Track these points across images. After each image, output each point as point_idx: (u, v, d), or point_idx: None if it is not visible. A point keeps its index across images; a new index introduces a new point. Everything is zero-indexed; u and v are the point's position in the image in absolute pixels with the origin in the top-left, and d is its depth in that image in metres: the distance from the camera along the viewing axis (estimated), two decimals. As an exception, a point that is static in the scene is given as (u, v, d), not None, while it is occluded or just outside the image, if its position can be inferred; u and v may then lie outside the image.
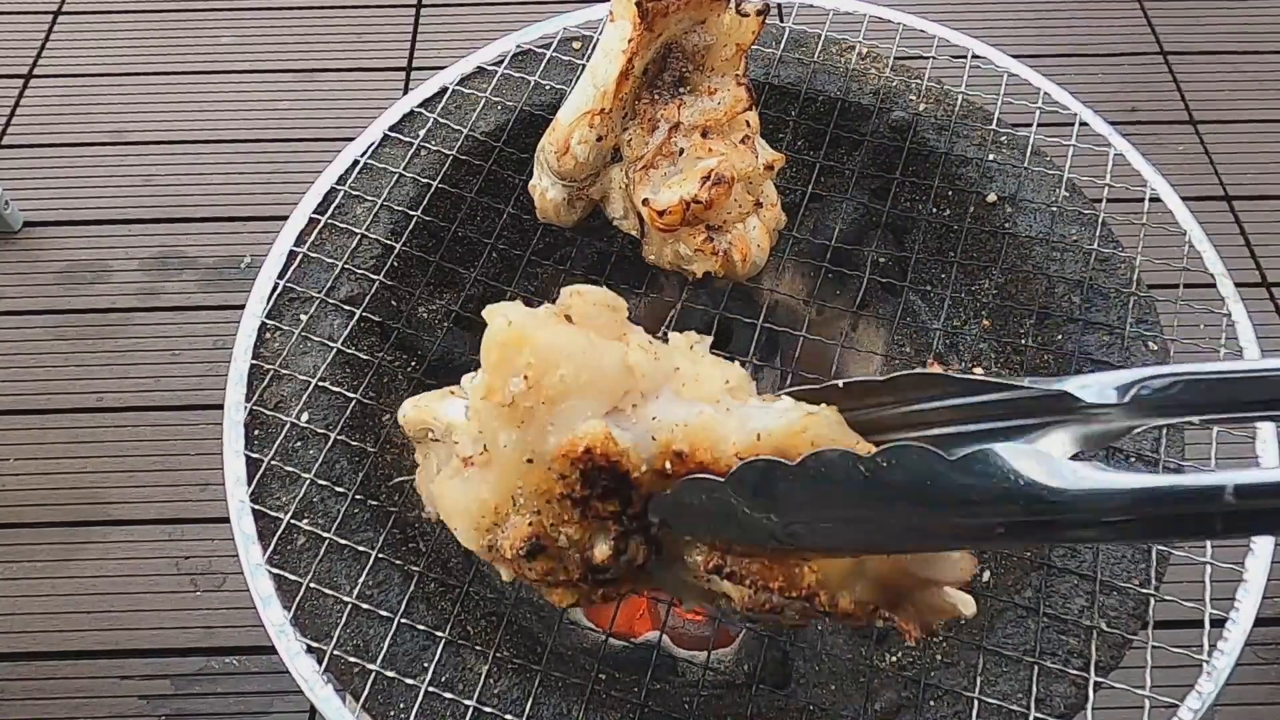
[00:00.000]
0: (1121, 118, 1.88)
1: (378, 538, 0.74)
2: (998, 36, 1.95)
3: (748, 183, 0.79)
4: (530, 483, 0.51)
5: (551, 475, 0.51)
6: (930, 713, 0.69)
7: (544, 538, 0.52)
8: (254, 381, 0.80)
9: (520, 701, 0.68)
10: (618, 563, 0.52)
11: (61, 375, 1.58)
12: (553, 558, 0.53)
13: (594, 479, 0.50)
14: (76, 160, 1.82)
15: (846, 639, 0.76)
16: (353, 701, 0.68)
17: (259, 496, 0.75)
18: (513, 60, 0.99)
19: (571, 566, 0.53)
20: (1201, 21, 2.03)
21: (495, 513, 0.52)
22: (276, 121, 1.88)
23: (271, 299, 0.84)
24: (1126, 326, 0.84)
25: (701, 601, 0.57)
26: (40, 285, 1.68)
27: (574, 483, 0.50)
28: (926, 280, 0.96)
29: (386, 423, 0.82)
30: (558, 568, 0.53)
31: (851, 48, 1.01)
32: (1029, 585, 0.73)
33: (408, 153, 0.93)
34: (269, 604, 0.70)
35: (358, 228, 0.88)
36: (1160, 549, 0.73)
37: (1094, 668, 0.69)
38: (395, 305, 0.87)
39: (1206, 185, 1.79)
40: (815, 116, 0.98)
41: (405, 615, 0.70)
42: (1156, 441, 0.78)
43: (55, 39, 1.99)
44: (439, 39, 2.00)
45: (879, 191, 0.96)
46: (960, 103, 0.97)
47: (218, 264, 1.71)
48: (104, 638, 1.36)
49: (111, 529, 1.44)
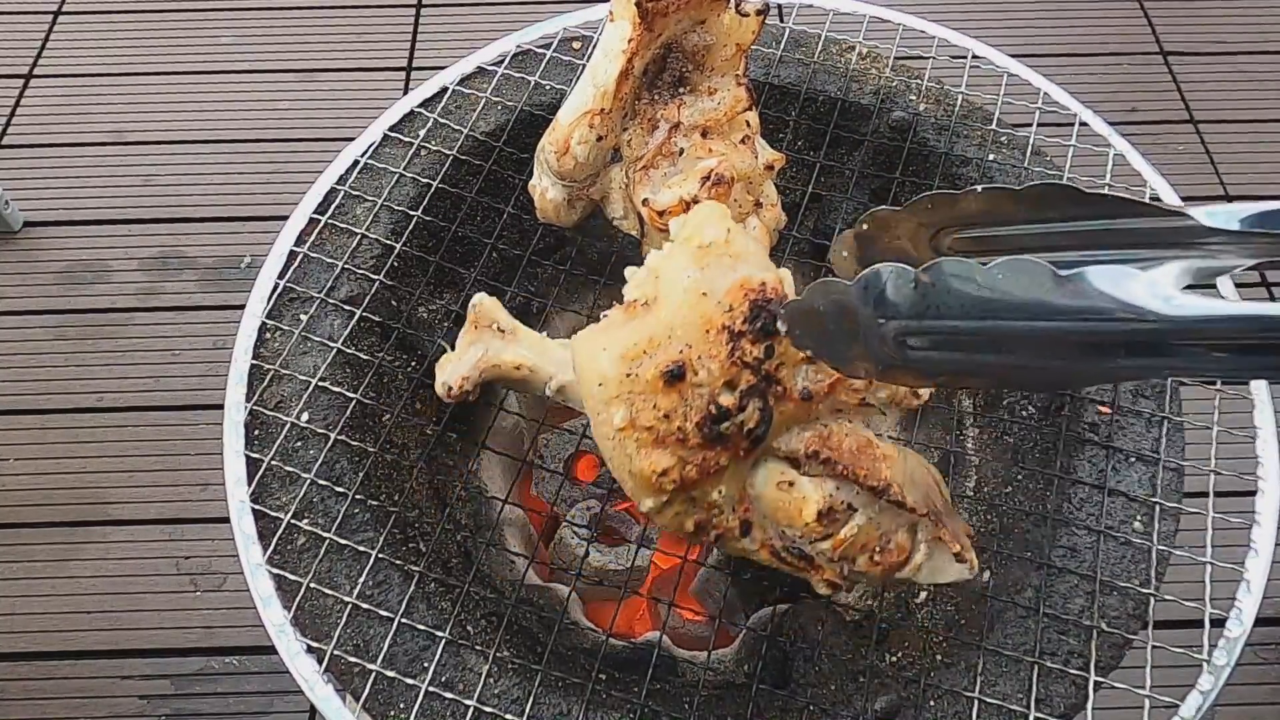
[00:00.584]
0: (1121, 118, 1.88)
1: (378, 538, 0.74)
2: (998, 36, 1.95)
3: (748, 183, 0.79)
4: (698, 313, 0.58)
5: (721, 306, 0.57)
6: (930, 713, 0.69)
7: (688, 367, 0.57)
8: (254, 381, 0.80)
9: (520, 701, 0.68)
10: (737, 415, 0.57)
11: (61, 375, 1.58)
12: (683, 396, 0.57)
13: (756, 315, 0.57)
14: (76, 160, 1.82)
15: (846, 639, 0.76)
16: (353, 701, 0.68)
17: (259, 496, 0.75)
18: (513, 60, 0.99)
19: (694, 410, 0.57)
20: (1201, 21, 2.03)
21: (650, 343, 0.58)
22: (276, 121, 1.88)
23: (272, 299, 0.84)
24: (1126, 326, 0.83)
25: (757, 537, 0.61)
26: (40, 285, 1.68)
27: (739, 315, 0.57)
28: (926, 280, 0.95)
29: (386, 423, 0.82)
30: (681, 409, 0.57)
31: (851, 48, 1.01)
32: (1029, 585, 0.73)
33: (408, 153, 0.93)
34: (269, 604, 0.70)
35: (358, 228, 0.88)
36: (1160, 549, 0.73)
37: (1094, 668, 0.69)
38: (395, 305, 0.87)
39: (1206, 185, 1.79)
40: (815, 116, 0.98)
41: (405, 615, 0.70)
42: (1157, 442, 0.78)
43: (55, 39, 1.99)
44: (439, 39, 2.00)
45: (879, 191, 0.96)
46: (960, 103, 0.97)
47: (218, 264, 1.71)
48: (104, 638, 1.36)
49: (111, 529, 1.44)
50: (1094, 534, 0.74)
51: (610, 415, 0.59)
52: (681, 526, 0.61)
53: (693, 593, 0.91)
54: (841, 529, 0.61)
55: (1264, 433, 0.78)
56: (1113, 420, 0.79)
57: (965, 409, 0.92)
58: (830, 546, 0.62)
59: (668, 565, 0.96)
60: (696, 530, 0.61)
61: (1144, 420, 0.79)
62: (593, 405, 0.60)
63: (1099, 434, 0.79)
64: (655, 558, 0.93)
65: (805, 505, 0.60)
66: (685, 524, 0.61)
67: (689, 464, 0.58)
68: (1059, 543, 0.74)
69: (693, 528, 0.61)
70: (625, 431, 0.58)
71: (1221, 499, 0.75)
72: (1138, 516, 0.75)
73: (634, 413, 0.58)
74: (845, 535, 0.61)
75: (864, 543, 0.62)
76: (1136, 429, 0.79)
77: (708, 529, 0.61)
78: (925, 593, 0.82)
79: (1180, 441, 0.79)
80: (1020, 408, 0.87)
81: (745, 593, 0.90)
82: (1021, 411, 0.86)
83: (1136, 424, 0.79)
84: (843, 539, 0.61)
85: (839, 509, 0.61)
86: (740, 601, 0.90)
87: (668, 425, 0.58)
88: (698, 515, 0.61)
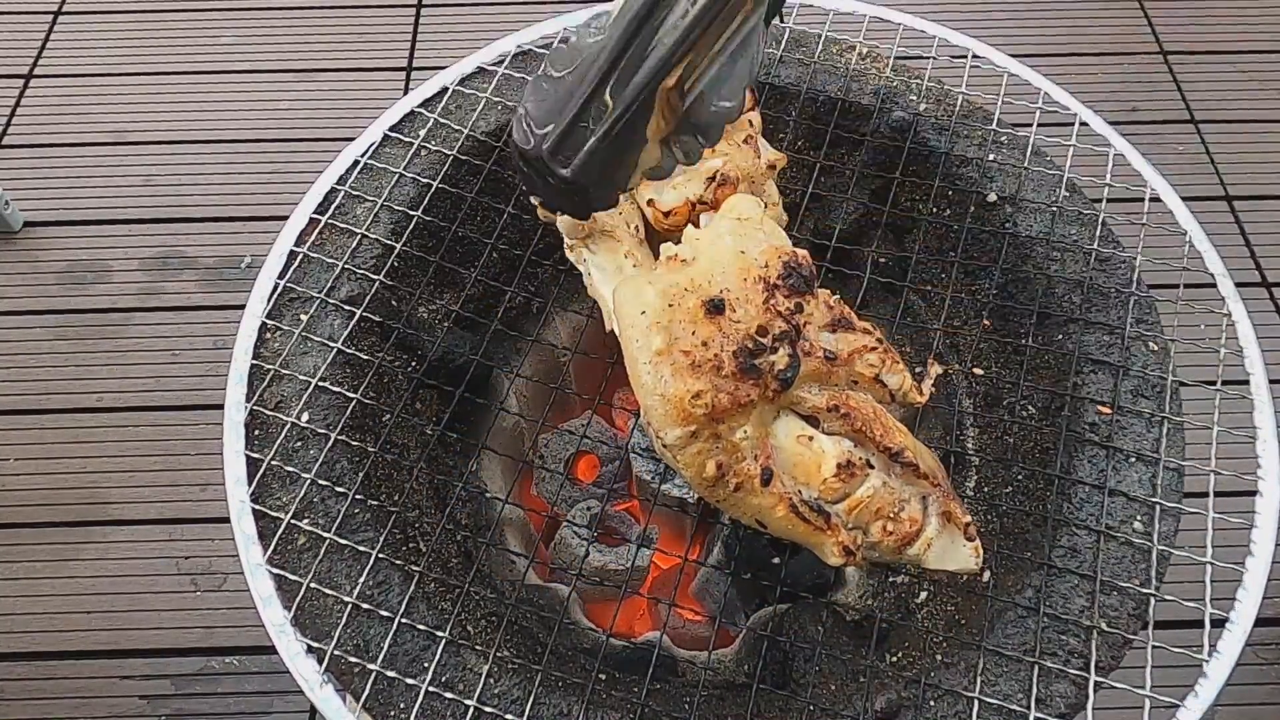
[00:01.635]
0: (1121, 118, 1.88)
1: (378, 538, 0.74)
2: (998, 36, 1.95)
3: (751, 183, 0.79)
4: (737, 265, 0.64)
5: (758, 262, 0.65)
6: (930, 713, 0.69)
7: (727, 304, 0.63)
8: (254, 381, 0.80)
9: (520, 701, 0.68)
10: (769, 354, 0.62)
11: (61, 375, 1.58)
12: (721, 329, 0.62)
13: (790, 273, 0.64)
14: (76, 160, 1.82)
15: (846, 639, 0.76)
16: (353, 701, 0.68)
17: (259, 496, 0.75)
18: (513, 60, 0.99)
19: (730, 342, 0.62)
20: (1201, 21, 2.03)
21: (691, 284, 0.64)
22: (276, 121, 1.88)
23: (272, 299, 0.84)
24: (1126, 326, 0.84)
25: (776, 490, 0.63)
26: (40, 285, 1.67)
27: (775, 270, 0.64)
28: (927, 280, 0.96)
29: (386, 423, 0.82)
30: (718, 340, 0.62)
31: (851, 48, 1.01)
32: (1029, 585, 0.73)
33: (408, 153, 0.93)
34: (269, 604, 0.70)
35: (358, 228, 0.88)
36: (1160, 549, 0.73)
37: (1094, 668, 0.69)
38: (395, 305, 0.87)
39: (1206, 185, 1.79)
40: (815, 116, 0.98)
41: (405, 615, 0.70)
42: (1157, 442, 0.78)
43: (55, 39, 1.99)
44: (439, 39, 2.00)
45: (879, 191, 0.96)
46: (960, 103, 0.97)
47: (218, 264, 1.71)
48: (104, 638, 1.36)
49: (111, 529, 1.44)
50: (1094, 534, 0.74)
51: (650, 340, 0.62)
52: (703, 469, 0.62)
53: (693, 593, 0.91)
54: (858, 488, 0.64)
55: (1264, 433, 0.78)
56: (1113, 420, 0.79)
57: (965, 409, 0.92)
58: (846, 508, 0.64)
59: (668, 565, 0.96)
60: (717, 477, 0.62)
61: (1144, 420, 0.79)
62: (632, 334, 0.63)
63: (1099, 434, 0.79)
64: (655, 558, 0.93)
65: (824, 460, 0.63)
66: (707, 466, 0.62)
67: (721, 391, 0.61)
68: (1059, 543, 0.74)
69: (714, 471, 0.62)
70: (663, 355, 0.62)
71: (1221, 499, 0.75)
72: (1138, 516, 0.75)
73: (673, 338, 0.62)
74: (861, 495, 0.64)
75: (878, 507, 0.64)
76: (1136, 429, 0.79)
77: (728, 475, 0.62)
78: (925, 592, 0.82)
79: (1180, 441, 0.79)
80: (1020, 408, 0.87)
81: (745, 593, 0.90)
82: (1021, 411, 0.86)
83: (1136, 424, 0.79)
84: (859, 500, 0.64)
85: (857, 464, 0.64)
86: (740, 601, 0.90)
87: (704, 352, 0.61)
88: (720, 456, 0.62)
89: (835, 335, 0.66)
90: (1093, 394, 0.81)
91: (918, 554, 0.65)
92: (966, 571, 0.67)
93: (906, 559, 0.65)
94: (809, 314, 0.65)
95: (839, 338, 0.66)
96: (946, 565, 0.66)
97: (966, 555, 0.66)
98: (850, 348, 0.65)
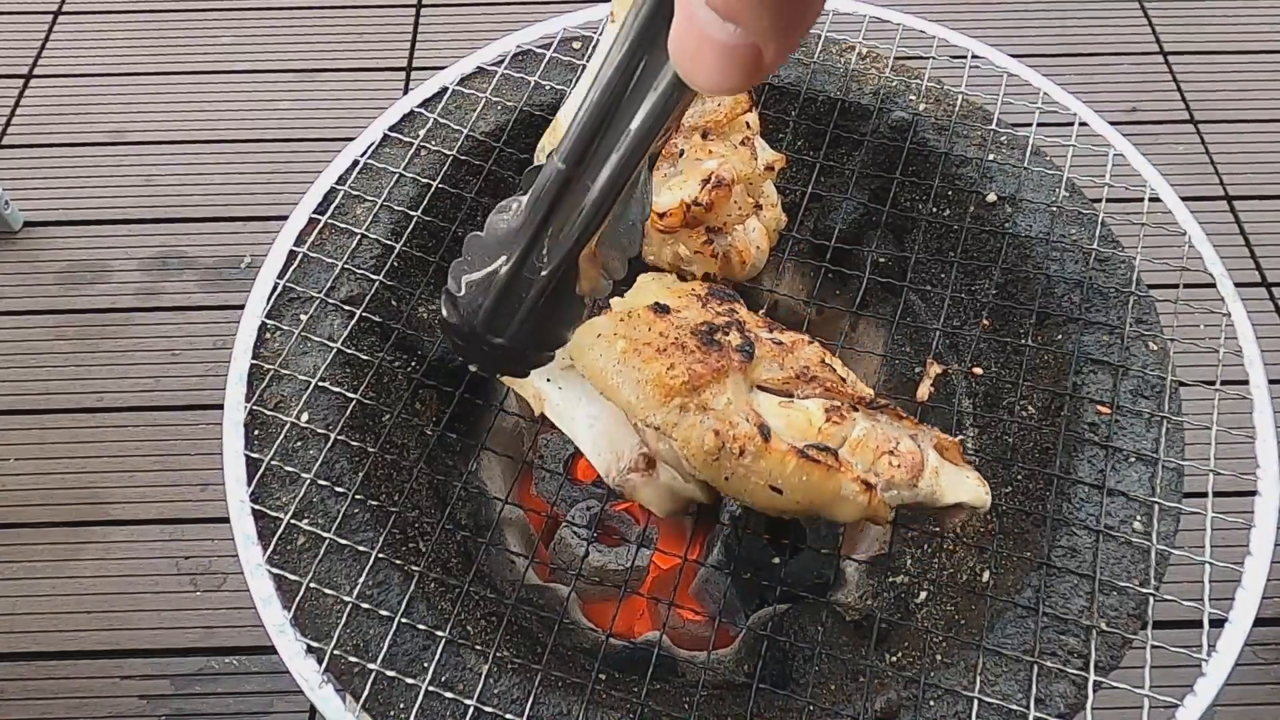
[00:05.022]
0: (1121, 118, 1.88)
1: (378, 538, 0.74)
2: (998, 36, 1.95)
3: (748, 184, 0.79)
4: (670, 291, 0.72)
5: (687, 287, 0.73)
6: (930, 712, 0.69)
7: (671, 309, 0.69)
8: (254, 381, 0.80)
9: (520, 701, 0.68)
10: (722, 335, 0.67)
11: (61, 375, 1.58)
12: (672, 323, 0.67)
13: (714, 291, 0.72)
14: (76, 160, 1.82)
15: (846, 639, 0.76)
16: (353, 701, 0.68)
17: (259, 496, 0.75)
18: (513, 60, 0.99)
19: (685, 329, 0.67)
20: (1201, 21, 2.03)
21: (633, 307, 0.70)
22: (276, 121, 1.88)
23: (271, 299, 0.84)
24: (1126, 326, 0.84)
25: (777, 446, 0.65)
26: (40, 285, 1.67)
27: (702, 289, 0.72)
28: (926, 280, 0.96)
29: (386, 423, 0.82)
30: (673, 330, 0.67)
31: (851, 48, 1.02)
32: (1029, 585, 0.73)
33: (408, 153, 0.93)
34: (269, 604, 0.70)
35: (358, 228, 0.88)
36: (1160, 549, 0.73)
37: (1094, 668, 0.69)
38: (395, 305, 0.87)
39: (1206, 185, 1.79)
40: (815, 116, 0.98)
41: (405, 615, 0.70)
42: (1156, 442, 0.78)
43: (55, 39, 1.99)
44: (439, 39, 2.00)
45: (879, 191, 0.96)
46: (960, 103, 0.97)
47: (218, 264, 1.71)
48: (104, 638, 1.36)
49: (111, 529, 1.44)
50: (1094, 534, 0.74)
51: (612, 349, 0.66)
52: (703, 443, 0.63)
53: (693, 593, 0.91)
54: (852, 430, 0.66)
55: (1263, 433, 0.78)
56: (1112, 420, 0.79)
57: (965, 409, 0.92)
58: (848, 449, 0.66)
59: (668, 565, 0.96)
60: (719, 446, 0.63)
61: (1144, 420, 0.79)
62: (594, 354, 0.67)
63: (1099, 434, 0.79)
64: (655, 558, 0.93)
65: (811, 414, 0.66)
66: (706, 438, 0.63)
67: (694, 362, 0.65)
68: (1059, 543, 0.74)
69: (714, 441, 0.63)
70: (628, 353, 0.66)
71: (1221, 499, 0.75)
72: (1137, 516, 0.75)
73: (634, 339, 0.66)
74: (857, 435, 0.66)
75: (876, 444, 0.66)
76: (1136, 429, 0.79)
77: (729, 443, 0.63)
78: (925, 592, 0.82)
79: (1180, 441, 0.79)
80: (1020, 408, 0.87)
81: (745, 593, 0.90)
82: (1021, 411, 0.86)
83: (1136, 424, 0.79)
84: (856, 440, 0.66)
85: (843, 409, 0.67)
86: (740, 601, 0.90)
87: (665, 340, 0.66)
88: (715, 425, 0.63)
89: (772, 333, 0.71)
90: (1092, 394, 0.81)
91: (930, 485, 0.66)
92: (978, 503, 0.67)
93: (924, 496, 0.66)
94: (742, 318, 0.70)
95: (778, 334, 0.71)
96: (961, 496, 0.67)
97: (974, 485, 0.68)
98: (792, 339, 0.70)
